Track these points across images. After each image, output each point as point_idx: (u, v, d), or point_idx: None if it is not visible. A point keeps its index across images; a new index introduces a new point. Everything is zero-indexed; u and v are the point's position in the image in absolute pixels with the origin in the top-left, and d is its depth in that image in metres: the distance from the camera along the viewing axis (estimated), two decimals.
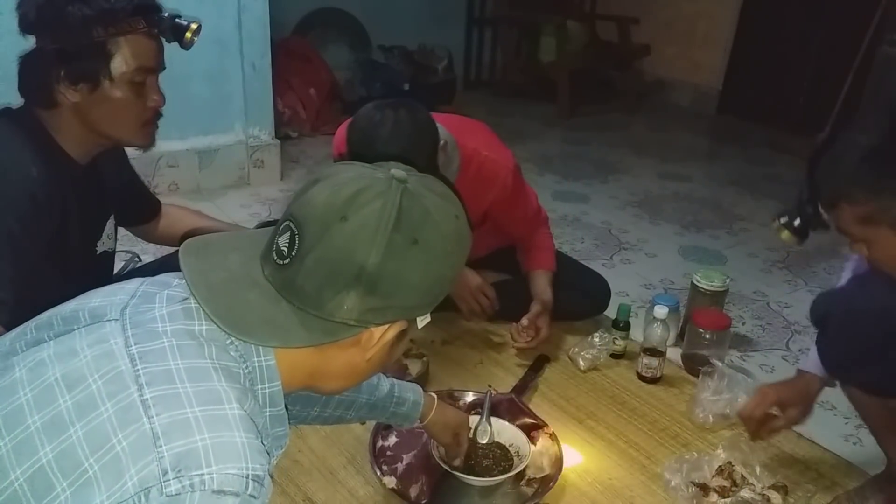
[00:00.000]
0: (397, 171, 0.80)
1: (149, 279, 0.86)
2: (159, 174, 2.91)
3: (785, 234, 1.30)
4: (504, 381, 1.86)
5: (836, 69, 3.85)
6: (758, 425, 1.51)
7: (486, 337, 2.06)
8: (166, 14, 1.32)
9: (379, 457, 1.53)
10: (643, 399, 1.85)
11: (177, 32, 1.35)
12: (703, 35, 4.65)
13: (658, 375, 1.92)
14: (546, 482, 1.49)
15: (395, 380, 1.34)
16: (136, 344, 0.76)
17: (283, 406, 0.83)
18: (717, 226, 3.08)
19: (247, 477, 0.69)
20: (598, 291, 2.13)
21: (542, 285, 1.96)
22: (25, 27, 1.25)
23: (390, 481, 1.47)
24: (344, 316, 0.76)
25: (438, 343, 2.02)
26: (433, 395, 1.42)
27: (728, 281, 2.12)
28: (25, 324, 0.85)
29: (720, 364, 1.79)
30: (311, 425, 1.61)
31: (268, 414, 0.80)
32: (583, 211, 3.13)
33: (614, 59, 4.79)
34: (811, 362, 1.48)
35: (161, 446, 0.68)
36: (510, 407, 1.66)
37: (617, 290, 2.25)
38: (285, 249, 0.77)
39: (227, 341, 0.77)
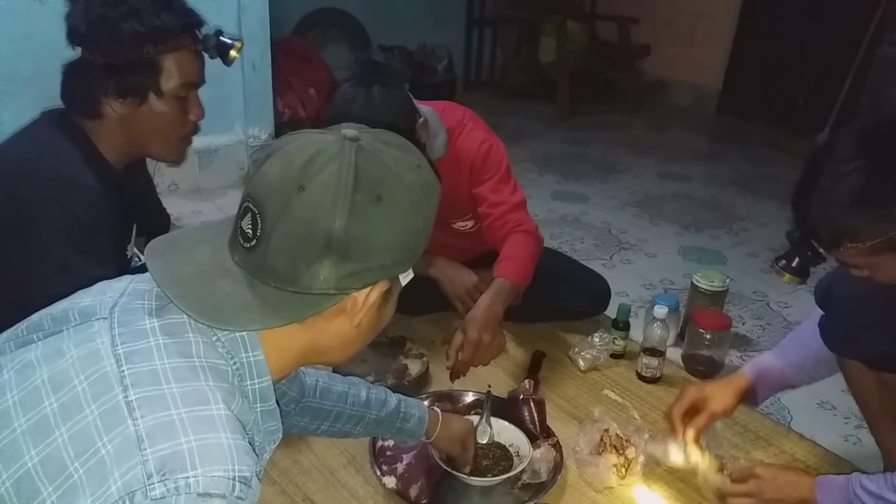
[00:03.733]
0: (348, 130, 0.78)
1: (139, 276, 0.85)
2: (159, 174, 2.89)
3: (787, 277, 1.30)
4: (504, 381, 1.86)
5: (836, 69, 3.85)
6: (678, 422, 1.49)
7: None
8: (211, 32, 1.37)
9: (379, 457, 1.53)
10: (643, 399, 1.85)
11: (221, 50, 1.41)
12: (703, 35, 4.65)
13: (658, 375, 1.92)
14: (543, 486, 1.49)
15: (401, 396, 1.33)
16: (122, 344, 0.75)
17: (274, 401, 0.82)
18: (717, 226, 3.08)
19: (233, 479, 0.68)
20: (597, 291, 2.13)
21: (483, 299, 1.73)
22: (74, 39, 1.28)
23: (390, 481, 1.47)
24: (322, 286, 0.75)
25: (438, 343, 2.02)
26: (437, 409, 1.41)
27: (728, 281, 2.12)
28: (18, 324, 0.84)
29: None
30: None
31: (259, 409, 0.79)
32: (583, 211, 3.13)
33: (614, 59, 4.79)
34: (747, 367, 1.52)
35: (145, 449, 0.67)
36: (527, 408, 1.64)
37: (617, 290, 2.24)
38: (249, 231, 0.75)
39: (214, 337, 0.76)
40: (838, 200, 1.10)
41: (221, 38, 1.41)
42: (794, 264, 1.28)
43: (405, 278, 0.82)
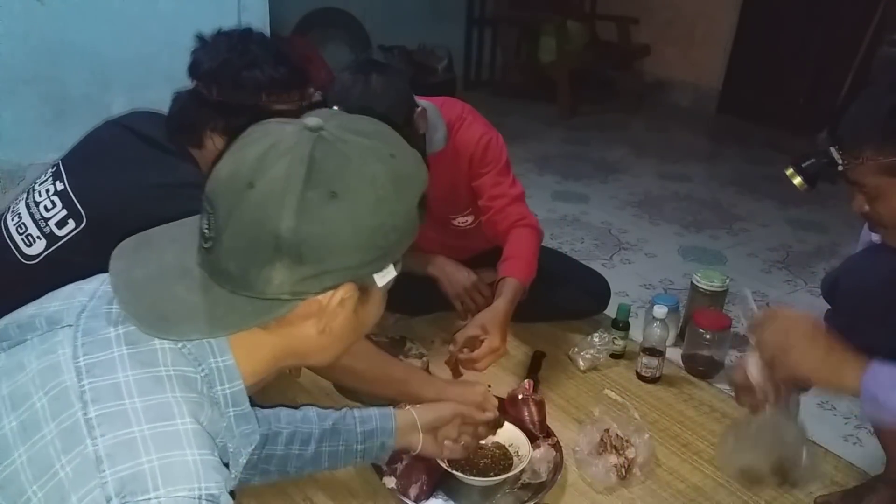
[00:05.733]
0: (312, 119, 0.72)
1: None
2: None
3: (797, 180, 1.32)
4: (504, 381, 1.86)
5: (836, 69, 3.85)
6: None
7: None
8: (318, 92, 1.47)
9: None
10: (643, 399, 1.85)
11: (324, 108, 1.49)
12: (703, 35, 4.65)
13: (657, 375, 1.92)
14: (543, 486, 1.49)
15: (357, 412, 1.34)
16: (84, 355, 0.70)
17: (248, 404, 0.78)
18: (717, 226, 3.08)
19: (199, 497, 0.65)
20: (597, 291, 2.14)
21: (500, 303, 1.72)
22: (195, 73, 1.35)
23: (390, 481, 1.47)
24: (276, 291, 0.69)
25: (438, 343, 2.02)
26: (410, 410, 1.36)
27: (728, 281, 2.12)
28: None
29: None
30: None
31: (231, 414, 0.76)
32: (583, 211, 3.13)
33: (614, 59, 4.79)
34: None
35: (104, 471, 0.63)
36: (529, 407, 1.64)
37: (617, 290, 2.25)
38: (206, 231, 0.71)
39: (179, 344, 0.73)
40: (876, 110, 1.14)
41: (326, 98, 1.50)
42: (805, 165, 1.30)
43: (383, 278, 0.75)
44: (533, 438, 1.56)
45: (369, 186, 0.70)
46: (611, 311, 2.10)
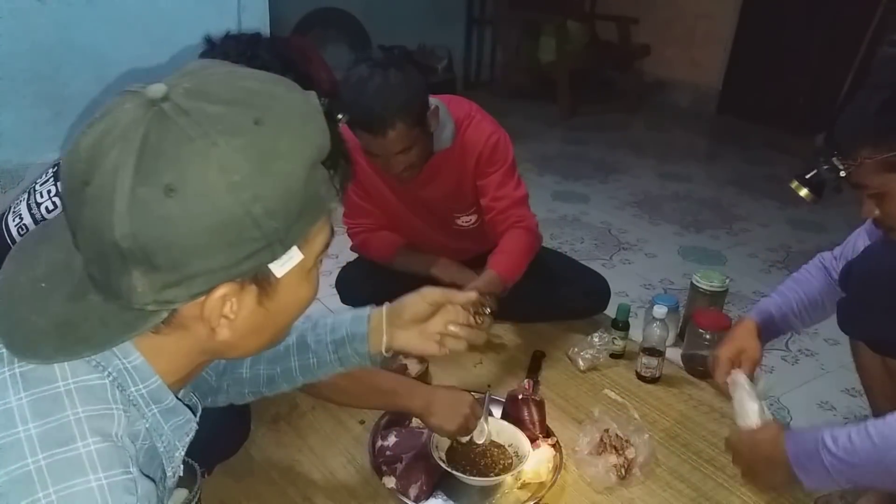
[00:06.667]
0: (156, 87, 0.59)
1: None
2: None
3: (804, 192, 1.33)
4: (504, 381, 1.86)
5: (836, 69, 3.85)
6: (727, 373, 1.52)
7: (486, 337, 2.06)
8: (324, 99, 1.45)
9: (378, 457, 1.53)
10: (642, 399, 1.85)
11: (329, 115, 1.49)
12: (703, 35, 4.65)
13: (657, 375, 1.92)
14: (543, 486, 1.49)
15: (330, 319, 1.15)
16: None
17: (173, 397, 0.71)
18: (717, 226, 3.08)
19: None
20: (597, 291, 2.13)
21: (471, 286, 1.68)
22: None
23: (390, 481, 1.47)
24: (141, 301, 0.60)
25: None
26: (382, 309, 1.14)
27: (728, 281, 2.12)
28: None
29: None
30: (309, 426, 1.61)
31: (155, 411, 0.69)
32: (582, 211, 3.13)
33: (614, 59, 4.80)
34: (753, 313, 1.57)
35: None
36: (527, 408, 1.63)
37: (616, 290, 2.24)
38: (71, 234, 0.63)
39: None
40: (866, 110, 1.15)
41: (332, 106, 1.50)
42: (809, 177, 1.30)
43: (283, 266, 0.64)
44: (533, 438, 1.56)
45: (216, 172, 0.57)
46: (611, 311, 2.10)
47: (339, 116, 1.64)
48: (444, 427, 1.43)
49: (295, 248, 0.64)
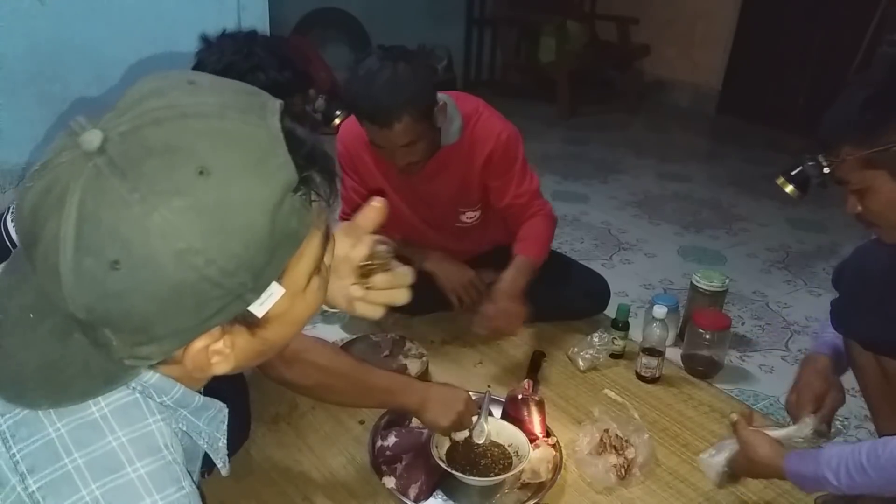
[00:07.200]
0: (90, 135, 0.52)
1: None
2: None
3: (789, 188, 1.35)
4: (504, 381, 1.86)
5: (836, 69, 3.85)
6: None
7: (486, 337, 2.06)
8: (321, 96, 1.45)
9: (378, 457, 1.53)
10: (642, 399, 1.85)
11: (327, 113, 1.49)
12: (702, 35, 4.65)
13: (657, 375, 1.92)
14: (543, 486, 1.49)
15: None
16: (3, 415, 0.59)
17: (199, 396, 0.69)
18: (717, 226, 3.08)
19: None
20: (597, 291, 2.14)
21: (507, 273, 1.83)
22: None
23: (390, 481, 1.47)
24: (117, 355, 0.57)
25: (438, 343, 2.02)
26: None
27: (727, 281, 2.12)
28: None
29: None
30: (309, 426, 1.61)
31: (185, 413, 0.67)
32: (582, 211, 3.13)
33: (614, 59, 4.79)
34: (818, 346, 1.52)
35: None
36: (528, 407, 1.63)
37: (616, 290, 2.25)
38: None
39: None
40: (849, 106, 1.16)
41: (329, 104, 1.55)
42: (794, 174, 1.33)
43: (263, 306, 0.58)
44: (533, 438, 1.56)
45: (159, 241, 0.51)
46: (610, 311, 2.10)
47: (338, 113, 1.64)
48: (437, 423, 1.43)
49: (274, 284, 0.58)
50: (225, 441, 0.75)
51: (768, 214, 3.21)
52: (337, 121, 1.60)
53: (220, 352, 0.60)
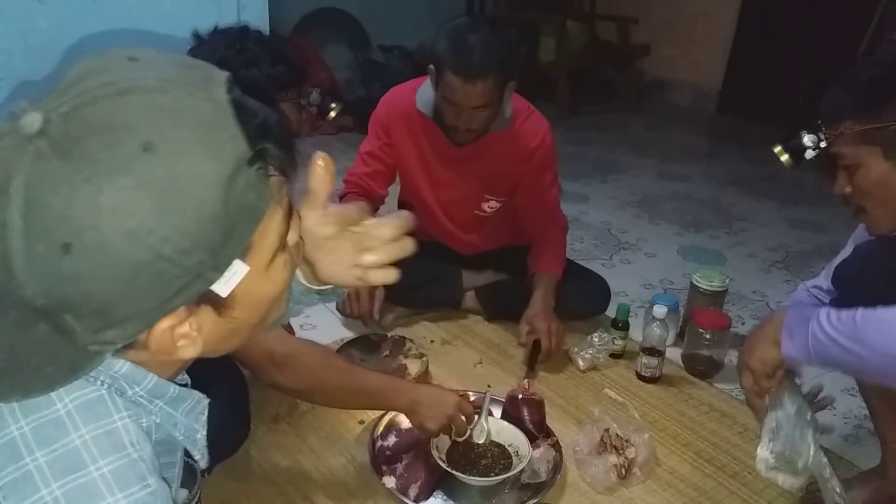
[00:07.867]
0: (30, 117, 0.51)
1: None
2: None
3: (784, 157, 1.36)
4: (504, 380, 1.86)
5: (836, 69, 3.83)
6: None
7: (486, 337, 2.06)
8: (316, 90, 1.45)
9: (378, 457, 1.53)
10: (643, 399, 1.85)
11: (322, 107, 1.50)
12: (702, 35, 4.65)
13: (657, 375, 1.92)
14: (543, 486, 1.49)
15: None
16: None
17: (175, 386, 0.67)
18: (717, 226, 3.08)
19: None
20: (597, 291, 2.14)
21: (537, 294, 1.89)
22: None
23: (390, 481, 1.47)
24: (81, 341, 0.56)
25: (438, 343, 2.02)
26: None
27: (727, 281, 2.12)
28: None
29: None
30: (309, 426, 1.61)
31: (160, 405, 0.66)
32: (582, 211, 3.13)
33: (614, 59, 4.79)
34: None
35: None
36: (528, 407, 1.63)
37: (616, 289, 2.25)
38: None
39: None
40: (854, 83, 1.19)
41: (325, 97, 1.55)
42: (791, 143, 1.34)
43: (228, 285, 0.57)
44: (533, 438, 1.56)
45: (109, 221, 0.50)
46: (610, 311, 2.10)
47: (333, 106, 1.64)
48: (425, 425, 1.43)
49: (237, 262, 0.57)
50: (204, 433, 0.73)
51: (768, 214, 3.21)
52: (332, 114, 1.59)
53: (186, 335, 0.59)
